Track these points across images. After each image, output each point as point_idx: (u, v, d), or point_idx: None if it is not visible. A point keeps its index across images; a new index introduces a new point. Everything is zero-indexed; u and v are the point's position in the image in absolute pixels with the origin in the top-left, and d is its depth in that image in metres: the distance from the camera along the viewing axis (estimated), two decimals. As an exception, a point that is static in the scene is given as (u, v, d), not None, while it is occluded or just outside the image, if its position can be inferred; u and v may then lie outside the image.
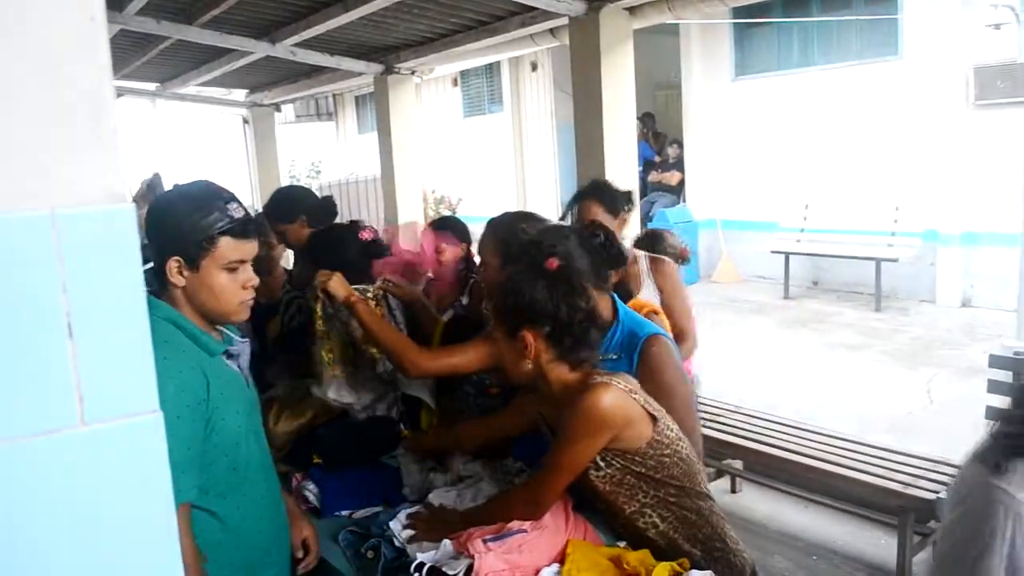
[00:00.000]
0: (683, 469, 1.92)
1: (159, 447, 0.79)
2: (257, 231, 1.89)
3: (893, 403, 5.78)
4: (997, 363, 3.89)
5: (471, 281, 3.09)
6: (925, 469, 3.69)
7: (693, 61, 10.98)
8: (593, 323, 1.93)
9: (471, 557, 1.80)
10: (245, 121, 13.14)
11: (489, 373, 2.58)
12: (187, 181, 2.73)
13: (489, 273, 2.51)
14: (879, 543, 3.95)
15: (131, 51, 9.01)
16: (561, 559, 1.86)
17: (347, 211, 12.18)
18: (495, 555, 1.80)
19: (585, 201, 3.24)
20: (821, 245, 9.38)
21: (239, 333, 1.98)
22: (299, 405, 2.86)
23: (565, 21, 6.15)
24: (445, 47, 7.87)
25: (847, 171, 9.39)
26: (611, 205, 3.20)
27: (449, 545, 1.91)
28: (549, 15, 6.24)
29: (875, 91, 9.07)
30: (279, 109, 13.23)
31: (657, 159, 12.06)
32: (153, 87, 11.84)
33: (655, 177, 11.67)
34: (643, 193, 11.42)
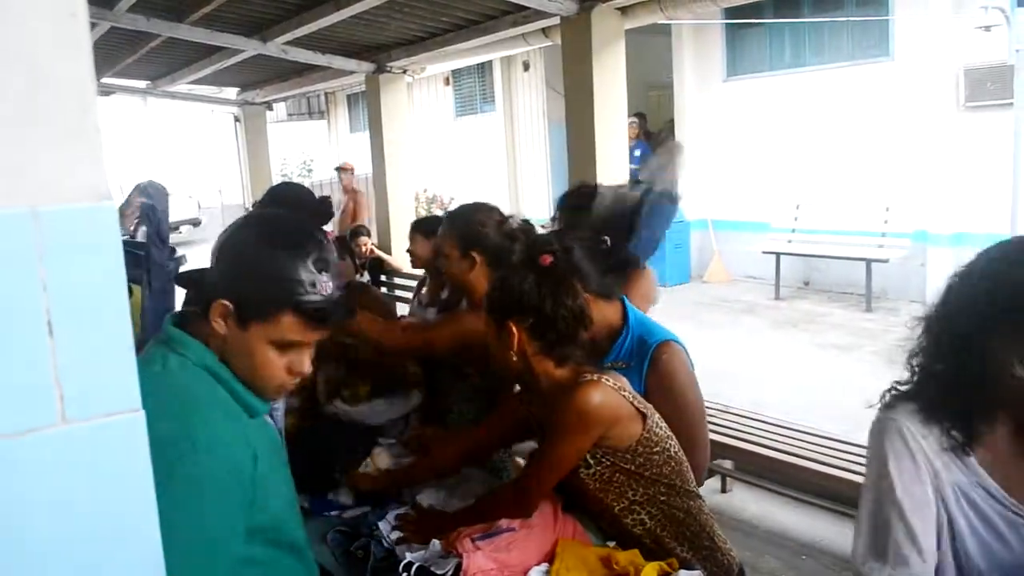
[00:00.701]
0: (672, 467, 1.92)
1: (140, 445, 0.79)
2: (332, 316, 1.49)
3: (883, 403, 5.78)
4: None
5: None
6: (914, 469, 3.69)
7: (685, 61, 10.99)
8: (579, 322, 1.94)
9: (459, 556, 1.80)
10: (236, 119, 13.13)
11: (468, 361, 2.61)
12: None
13: (450, 265, 2.56)
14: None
15: (122, 49, 8.98)
16: (550, 558, 1.86)
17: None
18: (483, 554, 1.80)
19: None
20: (812, 246, 9.41)
21: None
22: None
23: (557, 21, 6.15)
24: (437, 46, 7.86)
25: (838, 172, 9.42)
26: None
27: (438, 544, 1.91)
28: (541, 15, 6.24)
29: (866, 92, 9.09)
30: (271, 107, 13.21)
31: (649, 159, 12.07)
32: (144, 85, 11.81)
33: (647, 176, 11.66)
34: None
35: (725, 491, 4.64)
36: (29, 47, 0.71)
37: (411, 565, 1.85)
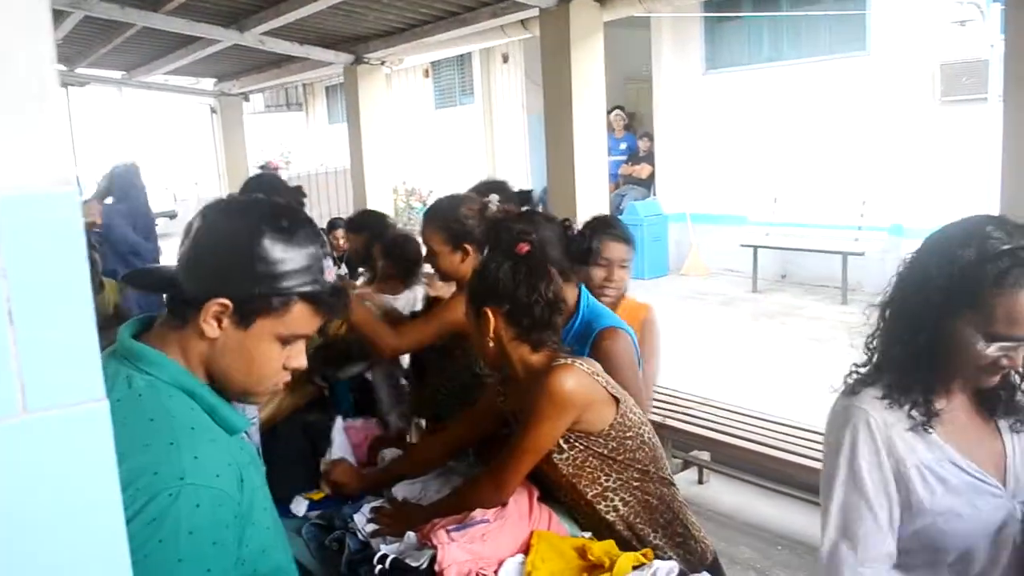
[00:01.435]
0: (646, 453, 1.94)
1: (104, 436, 0.77)
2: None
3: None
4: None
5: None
6: (888, 460, 3.74)
7: (663, 55, 11.01)
8: (554, 308, 1.96)
9: (434, 548, 1.79)
10: (213, 110, 13.00)
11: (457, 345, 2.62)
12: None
13: (442, 260, 2.59)
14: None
15: (96, 38, 8.86)
16: (525, 549, 1.86)
17: (316, 202, 12.10)
18: (458, 545, 1.79)
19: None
20: (789, 239, 9.48)
21: None
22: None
23: (536, 12, 6.13)
24: (415, 37, 7.81)
25: (815, 165, 9.47)
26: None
27: (413, 536, 1.90)
28: (520, 6, 6.22)
29: (843, 86, 9.15)
30: (247, 99, 13.11)
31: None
32: (119, 75, 11.67)
33: (625, 170, 11.72)
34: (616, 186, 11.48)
35: (702, 482, 4.67)
36: (-13, 29, 0.69)
37: (386, 557, 1.84)
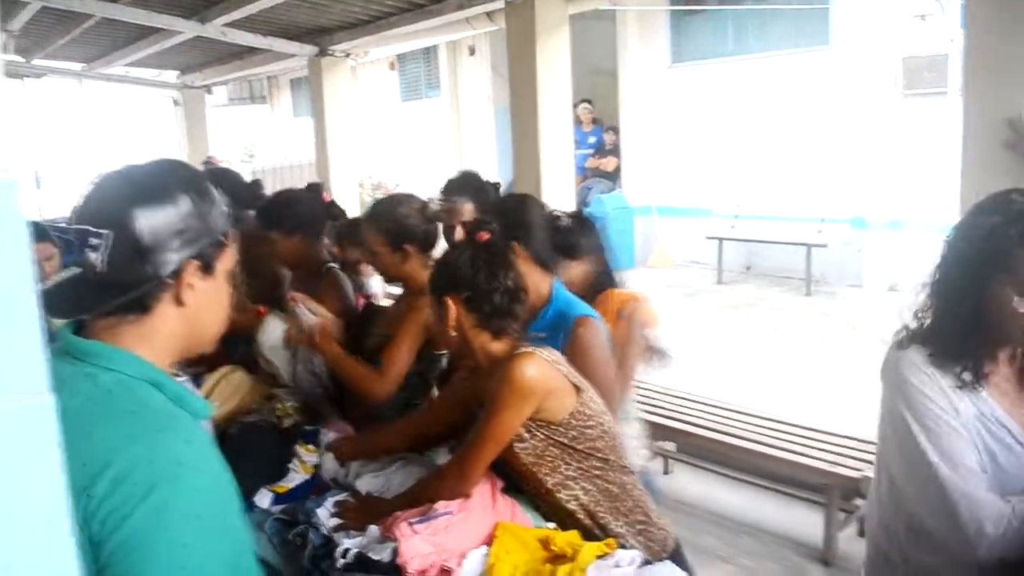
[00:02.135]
0: (607, 442, 1.95)
1: (49, 431, 0.76)
2: None
3: (821, 385, 5.91)
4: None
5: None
6: (850, 448, 3.80)
7: (629, 48, 11.04)
8: (515, 296, 1.98)
9: (397, 541, 1.78)
10: (175, 103, 12.83)
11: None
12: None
13: (383, 261, 2.61)
14: (806, 520, 4.04)
15: (54, 29, 8.71)
16: (489, 541, 1.85)
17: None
18: (421, 538, 1.79)
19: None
20: (754, 231, 9.56)
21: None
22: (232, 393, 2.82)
23: (501, 4, 6.12)
24: (380, 29, 7.76)
25: (780, 158, 9.56)
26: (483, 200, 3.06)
27: (376, 530, 1.90)
28: (486, -2, 6.21)
29: (807, 80, 9.24)
30: (211, 91, 12.93)
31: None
32: (79, 67, 11.47)
33: (592, 163, 11.75)
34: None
35: (667, 472, 4.70)
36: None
37: (348, 551, 1.83)
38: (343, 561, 1.83)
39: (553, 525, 1.97)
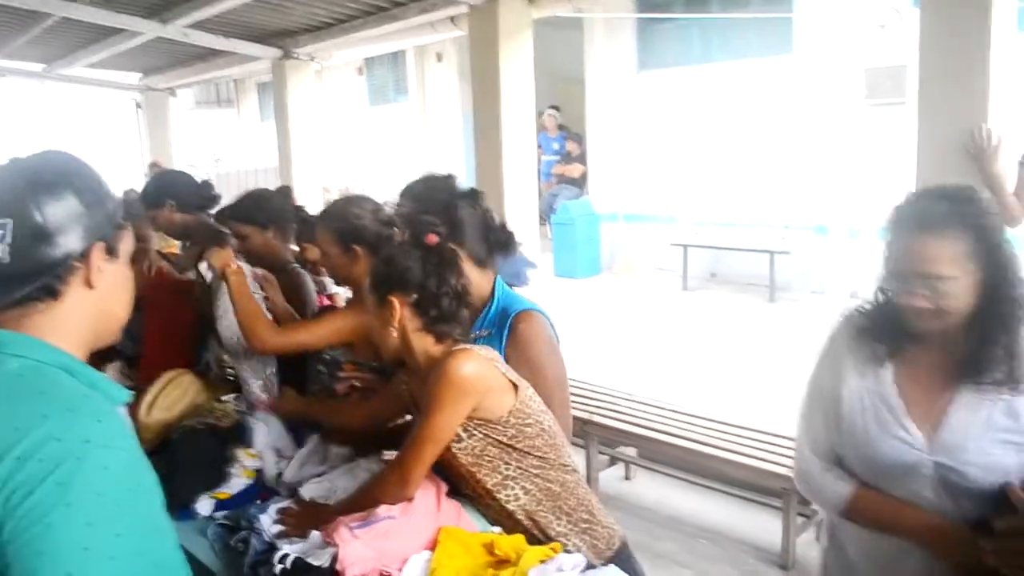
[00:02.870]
0: (546, 440, 1.93)
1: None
2: None
3: (783, 390, 5.93)
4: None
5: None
6: (807, 453, 3.80)
7: (596, 55, 11.06)
8: (461, 300, 1.96)
9: (337, 546, 1.74)
10: (138, 105, 12.67)
11: (348, 349, 2.60)
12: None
13: (332, 261, 2.59)
14: (765, 526, 4.05)
15: (13, 28, 8.57)
16: (432, 546, 1.82)
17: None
18: (362, 543, 1.75)
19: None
20: (718, 238, 9.60)
21: None
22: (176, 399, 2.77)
23: (465, 9, 6.10)
24: (344, 32, 7.73)
25: (744, 165, 9.61)
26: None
27: (317, 536, 1.85)
28: (449, 2, 6.19)
29: (770, 88, 9.31)
30: (175, 94, 12.79)
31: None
32: (40, 68, 11.29)
33: (558, 169, 11.77)
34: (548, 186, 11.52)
35: (628, 478, 4.69)
36: None
37: (287, 557, 1.79)
38: (281, 567, 1.78)
39: (499, 529, 1.94)
